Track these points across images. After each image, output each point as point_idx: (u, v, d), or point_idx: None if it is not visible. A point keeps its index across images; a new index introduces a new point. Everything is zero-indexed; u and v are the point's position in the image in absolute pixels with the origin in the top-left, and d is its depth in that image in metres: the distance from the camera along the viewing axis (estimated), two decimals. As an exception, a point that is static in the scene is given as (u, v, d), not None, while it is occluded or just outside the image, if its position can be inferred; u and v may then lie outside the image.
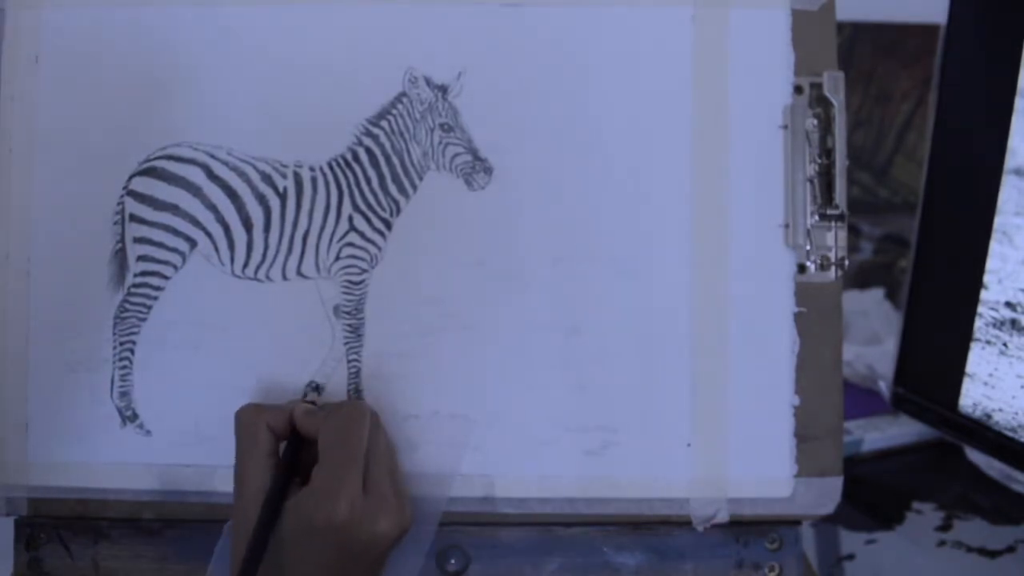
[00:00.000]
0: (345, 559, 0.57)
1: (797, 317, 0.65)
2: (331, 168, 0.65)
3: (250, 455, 0.60)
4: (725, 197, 0.65)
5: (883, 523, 0.85)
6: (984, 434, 0.78)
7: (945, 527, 0.85)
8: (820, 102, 0.65)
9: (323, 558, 0.57)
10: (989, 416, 0.77)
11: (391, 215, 0.65)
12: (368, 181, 0.65)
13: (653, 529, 0.66)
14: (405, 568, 0.64)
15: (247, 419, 0.61)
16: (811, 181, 0.65)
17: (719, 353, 0.65)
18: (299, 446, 0.61)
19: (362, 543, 0.57)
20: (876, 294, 1.15)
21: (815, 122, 0.65)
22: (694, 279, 0.65)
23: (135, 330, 0.65)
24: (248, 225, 0.65)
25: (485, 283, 0.65)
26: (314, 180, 0.65)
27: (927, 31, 1.12)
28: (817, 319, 0.65)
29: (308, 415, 0.61)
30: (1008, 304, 0.76)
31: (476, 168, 0.65)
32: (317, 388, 0.65)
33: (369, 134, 0.65)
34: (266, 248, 0.65)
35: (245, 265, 0.65)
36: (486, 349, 0.65)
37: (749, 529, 0.66)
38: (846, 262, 0.65)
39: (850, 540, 0.83)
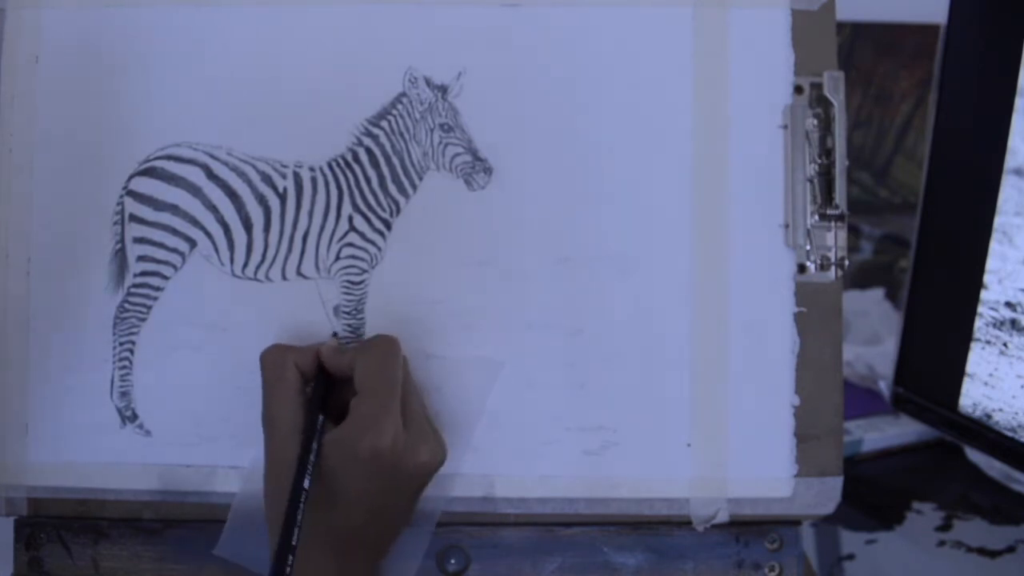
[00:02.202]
0: (389, 489, 0.58)
1: (797, 317, 0.65)
2: (331, 168, 0.65)
3: (279, 393, 0.60)
4: (725, 197, 0.65)
5: (883, 523, 0.85)
6: (984, 434, 0.78)
7: (945, 527, 0.85)
8: (820, 102, 0.65)
9: (368, 487, 0.57)
10: (989, 416, 0.77)
11: (391, 215, 0.65)
12: (368, 181, 0.65)
13: (653, 529, 0.66)
14: (404, 568, 0.64)
15: (274, 358, 0.61)
16: (811, 181, 0.65)
17: (719, 353, 0.65)
18: (328, 385, 0.61)
19: (405, 472, 0.58)
20: (876, 294, 1.15)
21: (815, 122, 0.65)
22: (694, 279, 0.65)
23: (135, 330, 0.65)
24: (248, 225, 0.65)
25: (485, 283, 0.65)
26: (314, 180, 0.65)
27: (927, 31, 1.12)
28: (817, 319, 0.65)
29: (336, 353, 0.61)
30: (1008, 304, 0.76)
31: (476, 168, 0.65)
32: (335, 335, 0.65)
33: (369, 134, 0.65)
34: (266, 248, 0.65)
35: (245, 265, 0.65)
36: (486, 349, 0.65)
37: (749, 529, 0.66)
38: (846, 262, 0.65)
39: (850, 540, 0.83)
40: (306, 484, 0.56)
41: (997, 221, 0.76)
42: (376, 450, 0.57)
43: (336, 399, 0.60)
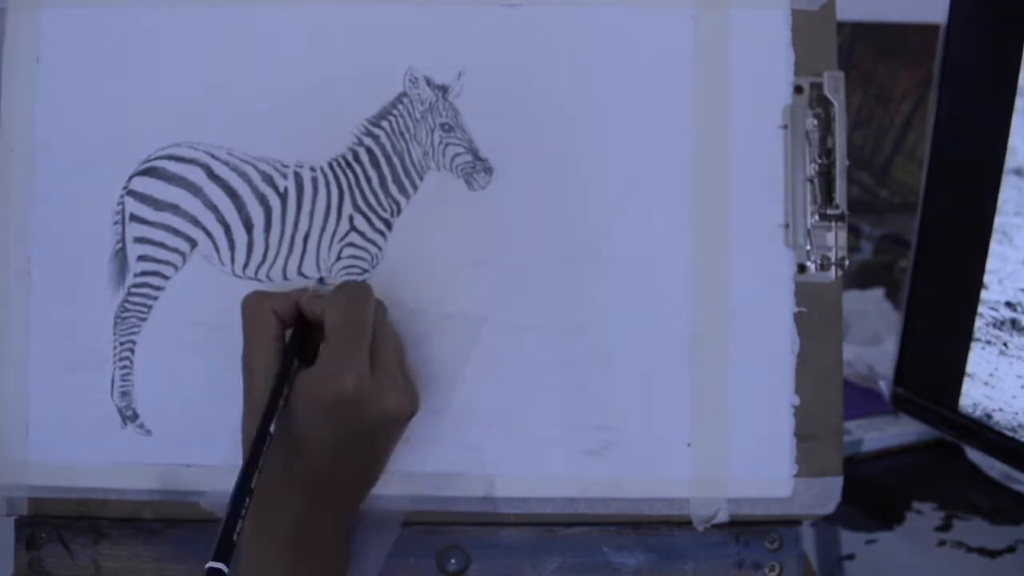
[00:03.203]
0: (355, 436, 0.58)
1: (797, 317, 0.65)
2: (332, 168, 0.65)
3: (258, 340, 0.60)
4: (725, 197, 0.65)
5: (883, 523, 0.86)
6: (984, 434, 0.78)
7: (945, 527, 0.85)
8: (820, 102, 0.65)
9: (334, 434, 0.58)
10: (989, 416, 0.77)
11: (392, 215, 0.65)
12: (369, 181, 0.65)
13: (653, 529, 0.66)
14: (365, 569, 0.64)
15: (252, 304, 0.61)
16: (811, 181, 0.65)
17: (719, 353, 0.65)
18: (306, 332, 0.61)
19: (370, 420, 0.58)
20: (876, 294, 1.15)
21: (815, 122, 0.65)
22: (694, 279, 0.65)
23: (135, 330, 0.65)
24: (248, 225, 0.65)
25: (486, 283, 0.65)
26: (315, 180, 0.65)
27: (927, 31, 1.12)
28: (817, 319, 0.65)
29: (314, 299, 0.61)
30: (1008, 304, 0.76)
31: (476, 168, 0.65)
32: (322, 280, 0.65)
33: (370, 134, 0.65)
34: (267, 248, 0.65)
35: (245, 265, 0.65)
36: (487, 349, 0.65)
37: (749, 529, 0.66)
38: (846, 262, 0.65)
39: (850, 540, 0.83)
40: (272, 430, 0.56)
41: (997, 221, 0.76)
42: (340, 397, 0.57)
43: (315, 346, 0.60)
